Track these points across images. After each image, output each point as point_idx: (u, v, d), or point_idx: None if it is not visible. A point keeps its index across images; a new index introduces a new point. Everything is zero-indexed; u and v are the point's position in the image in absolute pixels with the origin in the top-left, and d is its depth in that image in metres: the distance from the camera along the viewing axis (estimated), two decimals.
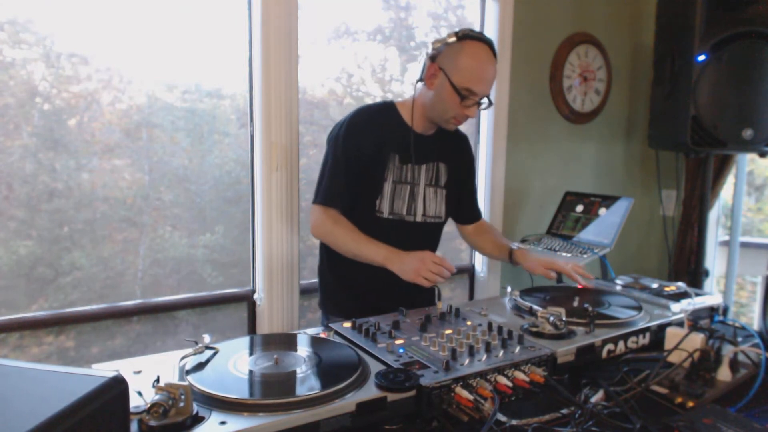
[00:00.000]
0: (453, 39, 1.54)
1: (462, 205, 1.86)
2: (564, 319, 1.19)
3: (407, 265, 1.46)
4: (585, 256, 2.20)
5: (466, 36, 1.55)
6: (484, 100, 1.58)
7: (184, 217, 2.03)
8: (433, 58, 1.57)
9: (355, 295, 1.72)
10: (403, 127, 1.66)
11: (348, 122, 1.65)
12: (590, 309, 1.32)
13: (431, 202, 1.72)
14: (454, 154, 1.77)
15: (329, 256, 1.75)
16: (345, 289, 1.74)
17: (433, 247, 1.80)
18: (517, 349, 1.08)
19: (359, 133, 1.62)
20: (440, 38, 1.57)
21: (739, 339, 1.31)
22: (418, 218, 1.70)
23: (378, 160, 1.63)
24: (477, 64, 1.53)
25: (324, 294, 1.81)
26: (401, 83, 2.49)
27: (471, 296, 2.75)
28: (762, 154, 2.53)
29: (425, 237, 1.75)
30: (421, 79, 1.62)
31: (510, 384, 1.00)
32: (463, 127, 1.79)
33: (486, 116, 2.60)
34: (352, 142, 1.61)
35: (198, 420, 0.81)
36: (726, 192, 3.04)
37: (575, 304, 1.40)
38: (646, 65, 2.80)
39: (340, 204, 1.62)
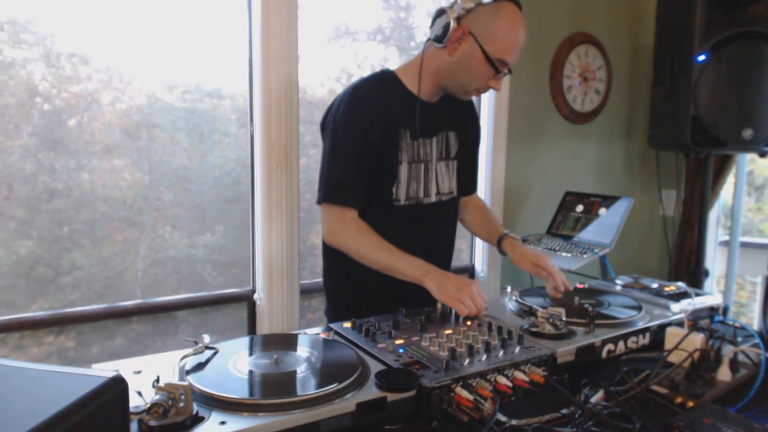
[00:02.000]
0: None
1: (464, 177, 1.66)
2: (564, 319, 1.19)
3: (449, 284, 1.29)
4: (585, 256, 2.20)
5: None
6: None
7: (184, 217, 2.03)
8: (459, 19, 1.34)
9: (368, 301, 1.53)
10: (409, 97, 1.45)
11: (346, 101, 1.41)
12: (590, 309, 1.32)
13: (444, 178, 1.53)
14: (462, 121, 1.58)
15: (339, 261, 1.52)
16: (357, 295, 1.55)
17: (451, 227, 1.66)
18: (517, 349, 1.08)
19: (362, 112, 1.40)
20: None
21: (739, 339, 1.31)
22: (434, 198, 1.52)
23: (388, 140, 1.42)
24: (514, 33, 1.35)
25: (332, 302, 1.62)
26: None
27: None
28: (762, 154, 2.53)
29: (442, 217, 1.58)
30: (438, 41, 1.38)
31: (510, 384, 1.00)
32: None
33: (486, 116, 2.60)
34: (356, 124, 1.39)
35: (198, 420, 0.81)
36: (726, 192, 3.04)
37: (575, 303, 1.40)
38: (646, 65, 2.80)
39: (356, 201, 1.41)
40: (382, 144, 1.42)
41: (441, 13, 1.38)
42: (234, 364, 0.98)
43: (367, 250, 1.40)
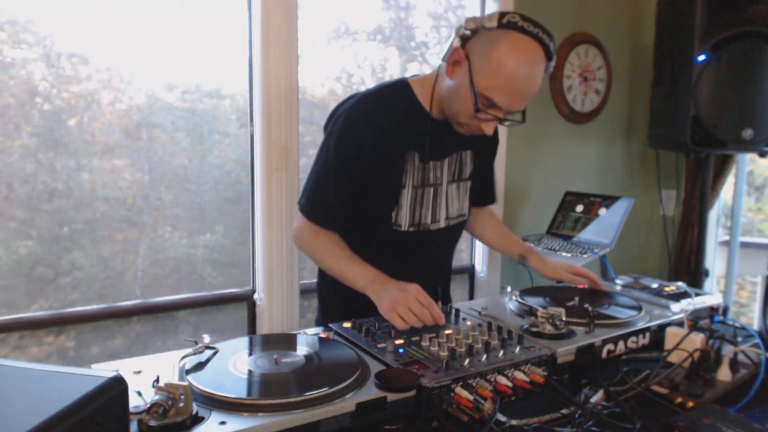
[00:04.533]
0: (494, 24, 1.15)
1: (479, 189, 1.57)
2: (564, 319, 1.19)
3: (386, 296, 1.18)
4: (585, 256, 2.20)
5: (512, 25, 1.13)
6: (516, 116, 1.26)
7: (184, 217, 2.03)
8: (463, 40, 1.20)
9: (356, 312, 1.33)
10: (419, 114, 1.32)
11: (346, 116, 1.30)
12: (590, 309, 1.32)
13: (454, 201, 1.44)
14: (482, 139, 1.38)
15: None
16: (347, 310, 1.38)
17: (453, 247, 1.59)
18: (517, 349, 1.08)
19: (359, 130, 1.29)
20: (479, 17, 1.18)
21: (739, 339, 1.31)
22: (442, 224, 1.42)
23: (391, 162, 1.31)
24: (513, 69, 1.14)
25: (322, 314, 1.54)
26: None
27: (471, 296, 2.75)
28: (762, 154, 2.53)
29: (448, 242, 1.53)
30: (443, 59, 1.26)
31: (510, 384, 1.00)
32: None
33: None
34: (350, 143, 1.29)
35: (198, 420, 0.81)
36: (726, 192, 3.04)
37: (575, 304, 1.40)
38: (646, 65, 2.81)
39: (325, 221, 1.35)
40: (381, 165, 1.31)
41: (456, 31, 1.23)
42: (234, 364, 0.98)
43: (319, 256, 1.36)
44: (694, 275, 2.80)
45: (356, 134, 1.30)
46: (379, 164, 1.31)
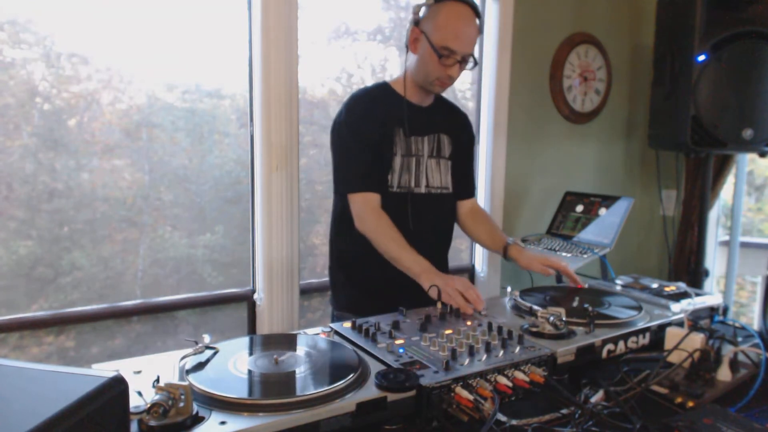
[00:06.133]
0: (432, 1, 1.57)
1: (459, 180, 1.83)
2: (564, 319, 1.19)
3: (439, 281, 1.41)
4: (585, 256, 2.19)
5: None
6: (470, 61, 1.60)
7: (184, 217, 2.03)
8: (416, 23, 1.59)
9: (365, 290, 1.72)
10: (401, 102, 1.67)
11: (347, 108, 1.66)
12: (590, 309, 1.32)
13: (434, 173, 1.72)
14: (456, 128, 1.78)
15: (339, 255, 1.77)
16: (355, 285, 1.74)
17: (444, 220, 1.80)
18: (517, 349, 1.08)
19: (361, 116, 1.65)
20: (420, 2, 1.60)
21: (739, 339, 1.31)
22: (423, 189, 1.70)
23: (385, 137, 1.65)
24: (454, 22, 1.55)
25: (334, 290, 1.81)
26: None
27: None
28: (762, 154, 2.53)
29: (433, 208, 1.73)
30: (406, 46, 1.64)
31: (510, 384, 1.00)
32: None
33: (486, 116, 2.60)
34: (357, 126, 1.64)
35: (198, 420, 0.81)
36: (726, 192, 3.04)
37: (575, 304, 1.40)
38: (646, 65, 2.81)
39: (375, 186, 1.62)
40: (379, 141, 1.64)
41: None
42: (234, 364, 0.98)
43: (381, 239, 1.58)
44: (694, 275, 2.80)
45: (360, 118, 1.64)
46: (379, 139, 1.64)
